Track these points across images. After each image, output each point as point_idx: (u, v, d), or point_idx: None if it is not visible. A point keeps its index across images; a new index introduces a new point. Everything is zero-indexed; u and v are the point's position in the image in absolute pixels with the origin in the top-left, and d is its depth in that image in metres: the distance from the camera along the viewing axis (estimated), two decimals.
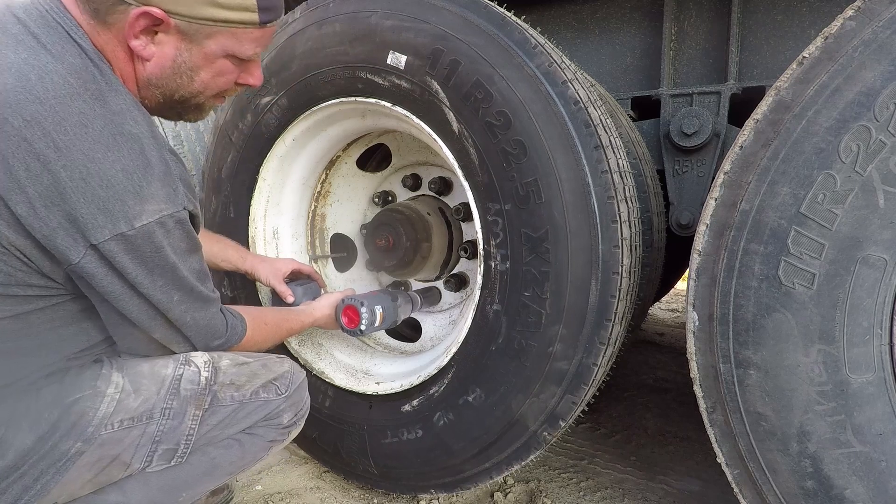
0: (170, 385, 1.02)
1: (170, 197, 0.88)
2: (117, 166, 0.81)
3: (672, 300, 4.79)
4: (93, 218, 0.80)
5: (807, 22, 1.68)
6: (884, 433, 1.02)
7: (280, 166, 1.67)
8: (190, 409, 1.04)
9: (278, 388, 1.17)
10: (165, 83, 0.92)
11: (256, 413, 1.13)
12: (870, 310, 1.00)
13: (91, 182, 0.79)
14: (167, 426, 1.01)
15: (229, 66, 0.95)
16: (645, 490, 1.74)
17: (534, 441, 1.35)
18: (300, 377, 1.24)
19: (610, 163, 1.21)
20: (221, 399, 1.08)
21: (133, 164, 0.83)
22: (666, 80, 1.85)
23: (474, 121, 1.28)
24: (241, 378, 1.12)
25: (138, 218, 0.83)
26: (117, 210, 0.81)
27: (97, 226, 0.80)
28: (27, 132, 0.76)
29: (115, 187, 0.81)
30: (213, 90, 0.98)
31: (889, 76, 0.96)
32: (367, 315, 1.45)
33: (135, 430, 0.98)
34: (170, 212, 0.87)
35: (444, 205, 1.75)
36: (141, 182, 0.83)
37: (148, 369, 1.02)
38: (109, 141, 0.81)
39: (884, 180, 0.97)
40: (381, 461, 1.55)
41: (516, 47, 1.23)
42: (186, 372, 1.05)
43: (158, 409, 1.01)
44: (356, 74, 1.43)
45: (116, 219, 0.81)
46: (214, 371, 1.09)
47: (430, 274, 1.73)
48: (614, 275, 1.21)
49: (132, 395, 0.98)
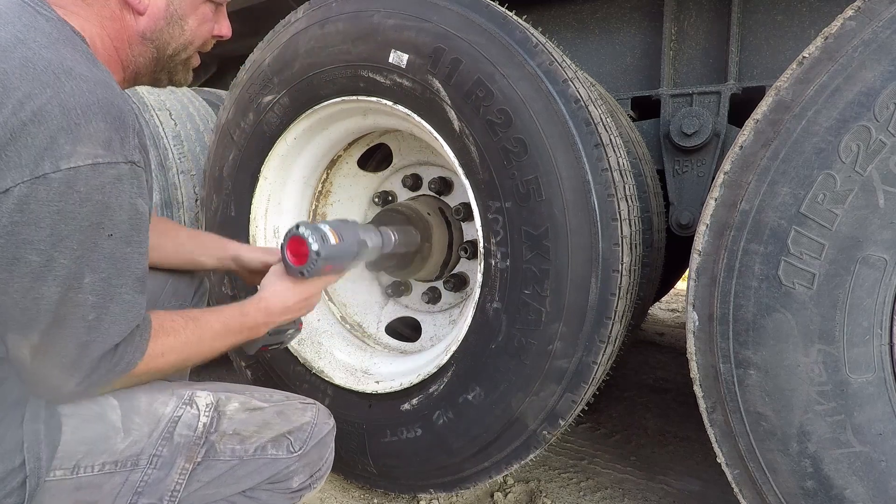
0: (165, 427, 0.90)
1: (113, 144, 0.74)
2: (55, 102, 0.71)
3: (672, 300, 4.79)
4: (17, 155, 0.69)
5: (807, 22, 1.68)
6: (884, 433, 1.02)
7: (281, 165, 1.67)
8: (179, 461, 0.90)
9: (291, 444, 0.99)
10: (159, 35, 0.94)
11: (260, 472, 0.96)
12: (870, 310, 1.01)
13: (22, 116, 0.70)
14: (152, 477, 0.88)
15: (208, 12, 1.00)
16: (645, 490, 1.74)
17: (533, 440, 1.35)
18: (324, 429, 1.05)
19: (610, 161, 1.22)
20: (220, 452, 0.93)
21: (74, 101, 0.72)
22: (666, 80, 1.86)
23: (475, 119, 1.28)
24: (249, 428, 0.96)
25: (67, 159, 0.70)
26: (45, 147, 0.69)
27: (18, 164, 0.69)
28: None
29: (47, 122, 0.70)
30: (199, 40, 1.01)
31: (889, 76, 0.96)
32: (313, 233, 1.07)
33: (116, 476, 0.86)
34: (109, 160, 0.74)
35: (444, 205, 1.75)
36: (79, 120, 0.71)
37: (145, 404, 0.90)
38: (51, 78, 0.72)
39: (884, 180, 0.97)
40: (380, 460, 1.55)
41: (517, 46, 1.24)
42: (186, 414, 0.92)
43: (147, 455, 0.88)
44: (358, 73, 1.43)
45: (41, 158, 0.69)
46: (217, 417, 0.95)
47: (429, 274, 1.73)
48: (614, 272, 1.21)
49: (121, 433, 0.86)
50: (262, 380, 1.73)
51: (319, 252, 1.06)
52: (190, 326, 0.94)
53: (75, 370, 0.79)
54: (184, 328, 0.93)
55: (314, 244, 1.06)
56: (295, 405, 1.05)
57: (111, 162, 0.74)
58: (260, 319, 1.06)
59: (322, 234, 1.08)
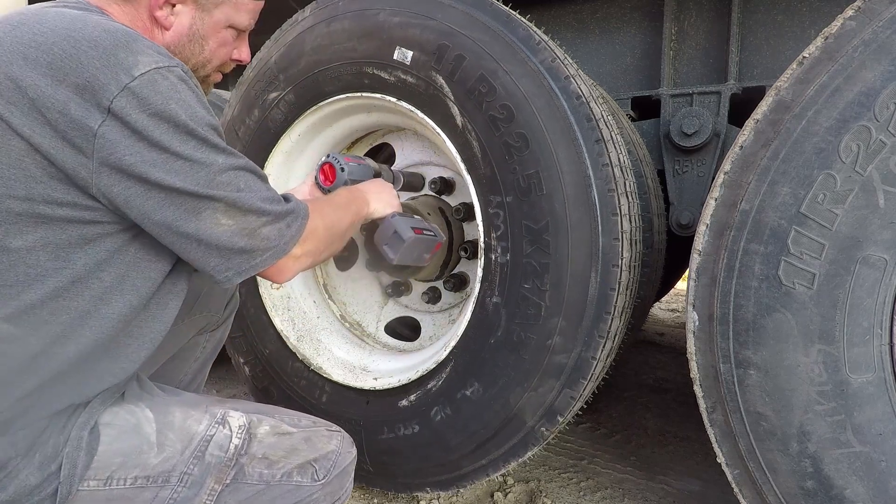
0: (197, 446, 0.91)
1: (162, 53, 0.84)
2: (99, 28, 0.80)
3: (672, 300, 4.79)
4: (94, 78, 0.76)
5: (807, 22, 1.69)
6: (884, 433, 1.01)
7: (285, 161, 1.69)
8: (209, 482, 0.91)
9: (316, 472, 1.00)
10: (181, 51, 1.00)
11: (284, 499, 0.97)
12: (870, 310, 1.01)
13: (81, 46, 0.78)
14: (181, 495, 0.89)
15: (229, 37, 1.05)
16: (645, 490, 1.74)
17: (531, 437, 1.35)
18: (347, 459, 1.06)
19: (611, 156, 1.23)
20: (248, 475, 0.94)
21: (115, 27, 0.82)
22: (666, 80, 1.86)
23: (478, 115, 1.29)
24: (278, 452, 0.98)
25: (136, 67, 0.78)
26: (113, 63, 0.77)
27: (101, 85, 0.76)
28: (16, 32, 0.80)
29: (101, 45, 0.78)
30: (217, 60, 1.07)
31: (889, 76, 0.96)
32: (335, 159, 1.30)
33: (147, 491, 0.88)
34: (166, 63, 0.82)
35: (444, 204, 1.75)
36: (127, 38, 0.81)
37: (180, 420, 0.92)
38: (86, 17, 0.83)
39: (884, 180, 0.97)
40: (377, 458, 1.55)
41: (520, 43, 1.26)
42: (218, 434, 0.93)
43: (178, 472, 0.89)
44: (363, 70, 1.45)
45: (116, 71, 0.77)
46: (248, 438, 0.96)
47: (430, 274, 1.73)
48: (614, 267, 1.21)
49: (154, 448, 0.88)
50: (260, 376, 1.73)
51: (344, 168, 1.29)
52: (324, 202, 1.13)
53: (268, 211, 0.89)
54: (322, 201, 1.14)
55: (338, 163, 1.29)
56: (322, 432, 1.06)
57: (170, 66, 0.83)
58: (358, 193, 1.23)
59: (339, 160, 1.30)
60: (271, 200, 0.90)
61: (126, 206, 0.81)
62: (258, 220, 0.88)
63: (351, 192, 1.22)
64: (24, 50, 0.78)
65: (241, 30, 1.07)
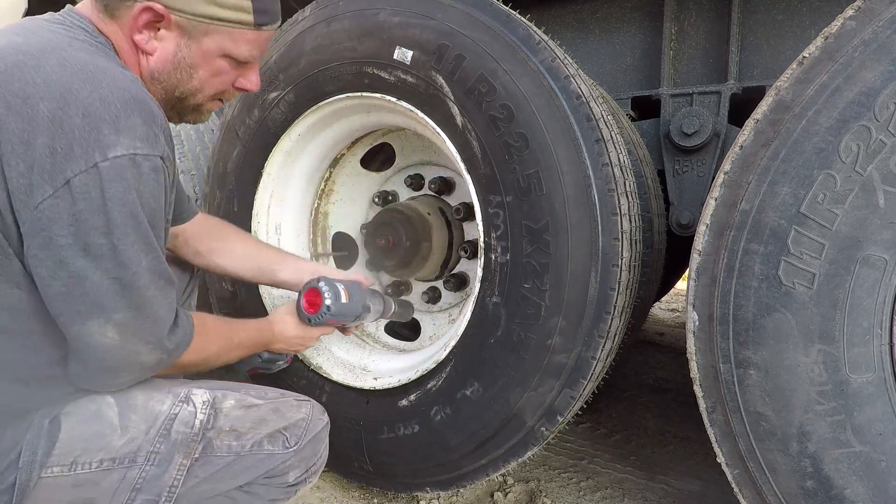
0: (162, 424, 0.91)
1: (149, 138, 0.81)
2: (95, 95, 0.77)
3: (672, 300, 4.79)
4: (70, 147, 0.75)
5: (807, 22, 1.68)
6: (884, 433, 1.01)
7: (285, 161, 1.69)
8: (177, 458, 0.91)
9: (287, 439, 1.02)
10: (166, 78, 0.95)
11: (257, 468, 0.99)
12: (870, 310, 1.00)
13: (69, 111, 0.75)
14: (150, 473, 0.90)
15: (226, 66, 0.98)
16: (645, 490, 1.74)
17: (531, 437, 1.35)
18: (319, 425, 1.09)
19: (611, 156, 1.23)
20: (217, 448, 0.96)
21: (112, 96, 0.79)
22: (666, 79, 1.86)
23: (478, 114, 1.29)
24: (245, 424, 0.99)
25: (113, 148, 0.76)
26: (94, 139, 0.76)
27: (73, 156, 0.75)
28: (7, 76, 0.76)
29: (92, 115, 0.76)
30: (210, 90, 1.00)
31: (889, 76, 0.96)
32: (329, 291, 1.27)
33: (114, 472, 0.88)
34: (144, 151, 0.80)
35: (444, 204, 1.76)
36: (119, 113, 0.78)
37: (142, 402, 0.92)
38: (88, 75, 0.79)
39: (884, 180, 0.97)
40: (376, 458, 1.55)
41: (520, 43, 1.26)
42: (183, 412, 0.94)
43: (144, 451, 0.90)
44: (363, 70, 1.45)
45: (92, 148, 0.75)
46: (213, 413, 0.97)
47: (430, 274, 1.73)
48: (614, 267, 1.21)
49: (118, 431, 0.88)
50: (259, 376, 1.73)
51: (330, 308, 1.27)
52: (225, 330, 1.10)
53: (158, 340, 0.87)
54: (222, 331, 1.08)
55: (328, 300, 1.27)
56: (290, 402, 1.08)
57: (149, 154, 0.81)
58: (266, 339, 1.23)
59: (337, 293, 1.28)
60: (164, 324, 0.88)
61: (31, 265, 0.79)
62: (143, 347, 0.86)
63: (262, 336, 1.22)
64: (10, 100, 0.75)
65: (241, 61, 0.98)
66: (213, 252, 1.37)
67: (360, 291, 1.37)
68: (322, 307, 1.27)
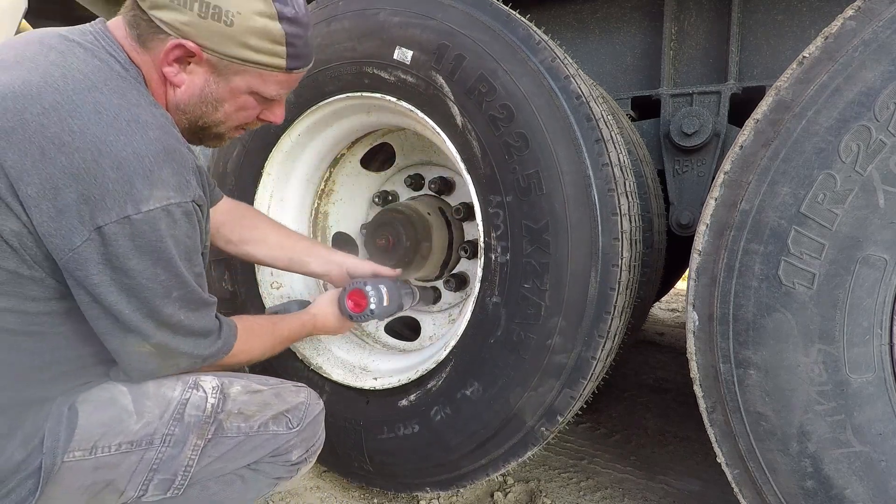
0: (174, 409, 0.97)
1: (181, 186, 0.86)
2: (129, 149, 0.81)
3: (672, 300, 4.79)
4: (101, 199, 0.79)
5: (807, 22, 1.68)
6: (884, 433, 1.01)
7: (285, 161, 1.69)
8: (191, 438, 0.97)
9: (290, 421, 1.09)
10: (192, 109, 0.97)
11: (263, 447, 1.06)
12: (870, 310, 1.00)
13: (103, 163, 0.79)
14: (166, 454, 0.95)
15: (252, 102, 1.00)
16: (645, 490, 1.74)
17: (531, 437, 1.35)
18: (316, 409, 1.16)
19: (611, 156, 1.23)
20: (227, 429, 1.02)
21: (146, 149, 0.82)
22: (666, 79, 1.86)
23: (478, 114, 1.29)
24: (251, 408, 1.06)
25: (146, 202, 0.81)
26: (126, 192, 0.80)
27: (105, 208, 0.79)
28: (44, 119, 0.78)
29: (125, 168, 0.80)
30: (234, 122, 1.03)
31: (889, 76, 0.96)
32: (374, 294, 1.36)
33: (132, 455, 0.93)
34: (177, 200, 0.85)
35: (444, 204, 1.75)
36: (152, 167, 0.82)
37: (154, 389, 0.97)
38: (123, 126, 0.82)
39: (884, 180, 0.97)
40: (376, 458, 1.55)
41: (520, 43, 1.26)
42: (194, 397, 1.00)
43: (160, 434, 0.95)
44: (363, 70, 1.45)
45: (124, 201, 0.80)
46: (223, 398, 1.03)
47: (430, 273, 1.73)
48: (614, 267, 1.21)
49: (134, 416, 0.93)
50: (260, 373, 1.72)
51: (374, 311, 1.37)
52: (269, 329, 1.20)
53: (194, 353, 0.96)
54: (266, 331, 1.19)
55: (373, 304, 1.36)
56: (289, 387, 1.16)
57: (181, 202, 0.86)
58: (308, 331, 1.35)
59: (381, 297, 1.38)
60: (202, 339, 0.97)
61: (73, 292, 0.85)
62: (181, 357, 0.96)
63: (304, 329, 1.33)
64: (45, 145, 0.77)
65: (268, 98, 1.00)
66: (245, 242, 1.40)
67: (397, 291, 1.45)
68: (366, 309, 1.36)
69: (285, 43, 0.93)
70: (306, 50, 0.98)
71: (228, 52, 0.90)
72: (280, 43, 0.92)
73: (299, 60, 0.97)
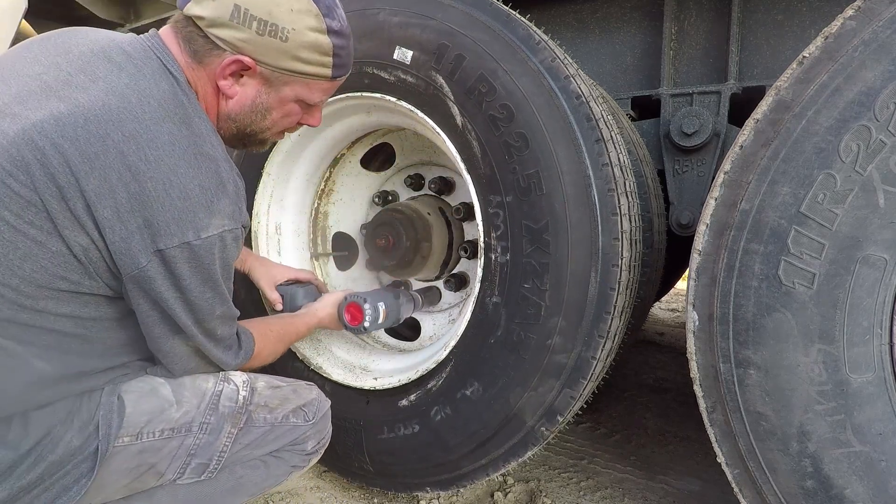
0: (210, 400, 1.06)
1: (234, 214, 0.94)
2: (195, 182, 0.88)
3: (672, 300, 4.79)
4: (167, 225, 0.86)
5: (807, 22, 1.68)
6: (884, 433, 1.01)
7: (285, 162, 1.69)
8: (226, 427, 1.07)
9: (307, 414, 1.20)
10: (242, 118, 1.03)
11: (285, 437, 1.16)
12: (870, 309, 1.00)
13: (172, 193, 0.86)
14: (203, 441, 1.04)
15: (297, 109, 1.07)
16: (645, 490, 1.74)
17: (531, 437, 1.35)
18: (326, 405, 1.26)
19: (611, 156, 1.23)
20: (255, 420, 1.11)
21: (209, 182, 0.90)
22: (666, 79, 1.86)
23: (478, 114, 1.30)
24: (275, 401, 1.16)
25: (205, 230, 0.89)
26: (189, 220, 0.88)
27: (169, 233, 0.87)
28: (124, 146, 0.84)
29: (191, 199, 0.88)
30: (279, 128, 1.10)
31: (889, 76, 0.96)
32: (371, 311, 1.45)
33: (174, 440, 1.01)
34: (230, 227, 0.93)
35: (444, 204, 1.76)
36: (213, 198, 0.90)
37: (189, 382, 1.05)
38: (192, 159, 0.89)
39: (884, 180, 0.97)
40: (377, 457, 1.55)
41: (520, 43, 1.26)
42: (226, 389, 1.08)
43: (197, 422, 1.04)
44: (363, 70, 1.45)
45: (187, 228, 0.88)
46: (251, 391, 1.12)
47: (430, 273, 1.73)
48: (614, 267, 1.21)
49: (174, 405, 1.01)
50: None
51: (367, 328, 1.45)
52: (282, 332, 1.30)
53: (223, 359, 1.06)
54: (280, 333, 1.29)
55: (367, 321, 1.44)
56: (302, 385, 1.26)
57: (233, 229, 0.94)
58: (311, 329, 1.46)
59: (377, 315, 1.46)
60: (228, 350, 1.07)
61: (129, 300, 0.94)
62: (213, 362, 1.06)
63: (309, 329, 1.44)
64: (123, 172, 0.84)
65: (311, 104, 1.08)
66: None
67: (396, 306, 1.53)
68: (360, 326, 1.45)
69: (332, 54, 1.00)
70: (349, 59, 1.05)
71: (282, 65, 0.97)
72: (328, 54, 0.99)
73: (343, 69, 1.05)
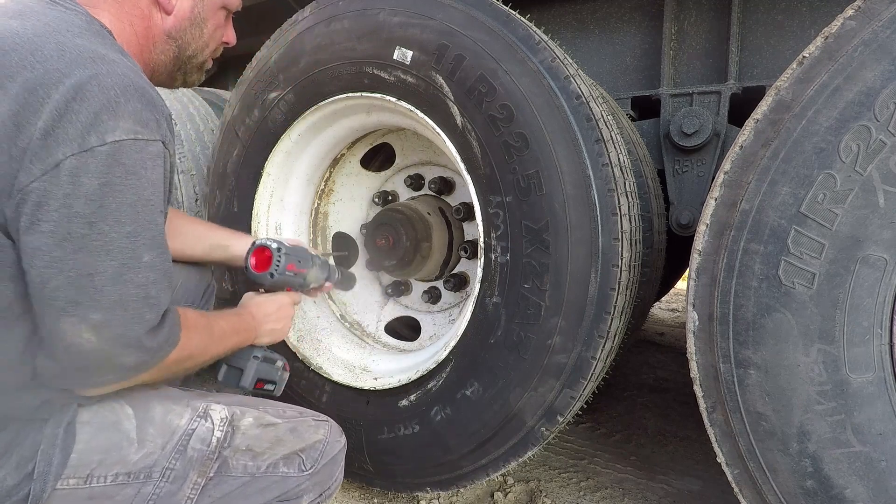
0: (178, 440, 0.90)
1: (149, 123, 0.78)
2: (93, 81, 0.75)
3: (672, 300, 4.79)
4: (63, 131, 0.71)
5: (807, 22, 1.69)
6: (884, 433, 1.01)
7: (285, 162, 1.69)
8: (192, 475, 0.90)
9: (303, 462, 0.99)
10: (182, 35, 1.01)
11: (270, 490, 0.96)
12: (870, 309, 1.00)
13: (65, 94, 0.73)
14: (164, 490, 0.88)
15: (222, 19, 1.08)
16: (645, 490, 1.74)
17: (531, 437, 1.35)
18: (336, 448, 1.06)
19: (611, 156, 1.23)
20: (232, 468, 0.93)
21: (110, 81, 0.76)
22: (666, 79, 1.86)
23: (477, 114, 1.30)
24: (262, 444, 0.97)
25: (111, 132, 0.74)
26: (89, 122, 0.73)
27: (67, 139, 0.71)
28: (3, 59, 0.74)
29: (89, 100, 0.73)
30: (213, 44, 1.09)
31: (889, 76, 0.96)
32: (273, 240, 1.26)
33: (129, 487, 0.86)
34: (146, 137, 0.77)
35: (444, 204, 1.76)
36: (118, 98, 0.75)
37: (160, 415, 0.90)
38: (87, 61, 0.76)
39: (884, 180, 0.97)
40: (377, 458, 1.55)
41: (520, 43, 1.26)
42: (200, 428, 0.92)
43: (160, 467, 0.88)
44: (363, 70, 1.45)
45: (87, 132, 0.72)
46: (231, 431, 0.95)
47: (430, 274, 1.73)
48: (614, 267, 1.21)
49: (134, 444, 0.86)
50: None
51: (281, 249, 1.24)
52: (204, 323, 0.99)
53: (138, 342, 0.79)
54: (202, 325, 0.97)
55: (272, 244, 1.25)
56: (308, 422, 1.05)
57: (149, 139, 0.78)
58: (250, 322, 1.15)
59: (280, 240, 1.27)
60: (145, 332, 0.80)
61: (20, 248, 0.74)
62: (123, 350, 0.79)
63: (242, 321, 1.13)
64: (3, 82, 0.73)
65: (230, 11, 1.09)
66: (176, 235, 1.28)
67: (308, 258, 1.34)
68: (273, 256, 1.23)
69: None
70: None
71: None
72: None
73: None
